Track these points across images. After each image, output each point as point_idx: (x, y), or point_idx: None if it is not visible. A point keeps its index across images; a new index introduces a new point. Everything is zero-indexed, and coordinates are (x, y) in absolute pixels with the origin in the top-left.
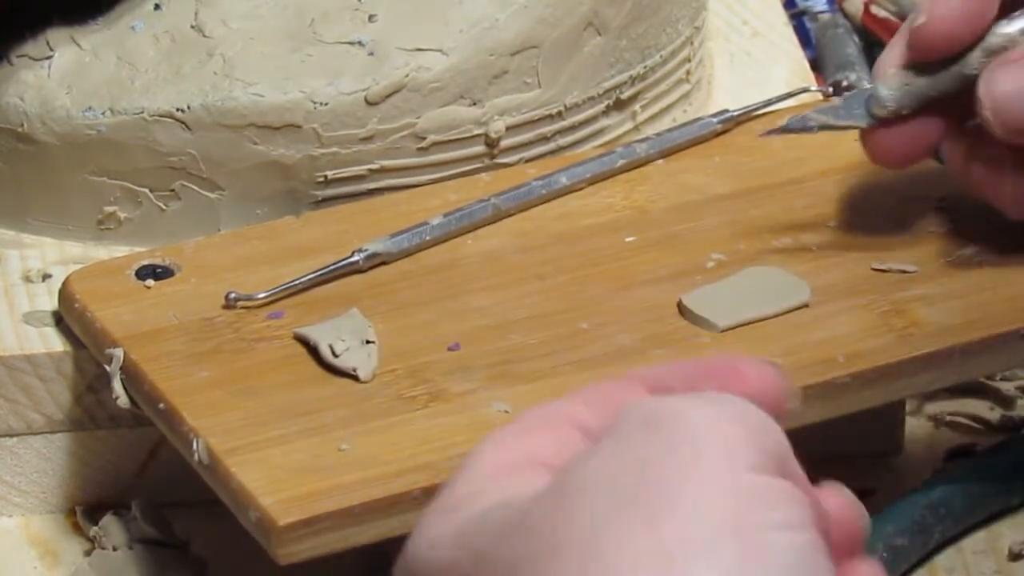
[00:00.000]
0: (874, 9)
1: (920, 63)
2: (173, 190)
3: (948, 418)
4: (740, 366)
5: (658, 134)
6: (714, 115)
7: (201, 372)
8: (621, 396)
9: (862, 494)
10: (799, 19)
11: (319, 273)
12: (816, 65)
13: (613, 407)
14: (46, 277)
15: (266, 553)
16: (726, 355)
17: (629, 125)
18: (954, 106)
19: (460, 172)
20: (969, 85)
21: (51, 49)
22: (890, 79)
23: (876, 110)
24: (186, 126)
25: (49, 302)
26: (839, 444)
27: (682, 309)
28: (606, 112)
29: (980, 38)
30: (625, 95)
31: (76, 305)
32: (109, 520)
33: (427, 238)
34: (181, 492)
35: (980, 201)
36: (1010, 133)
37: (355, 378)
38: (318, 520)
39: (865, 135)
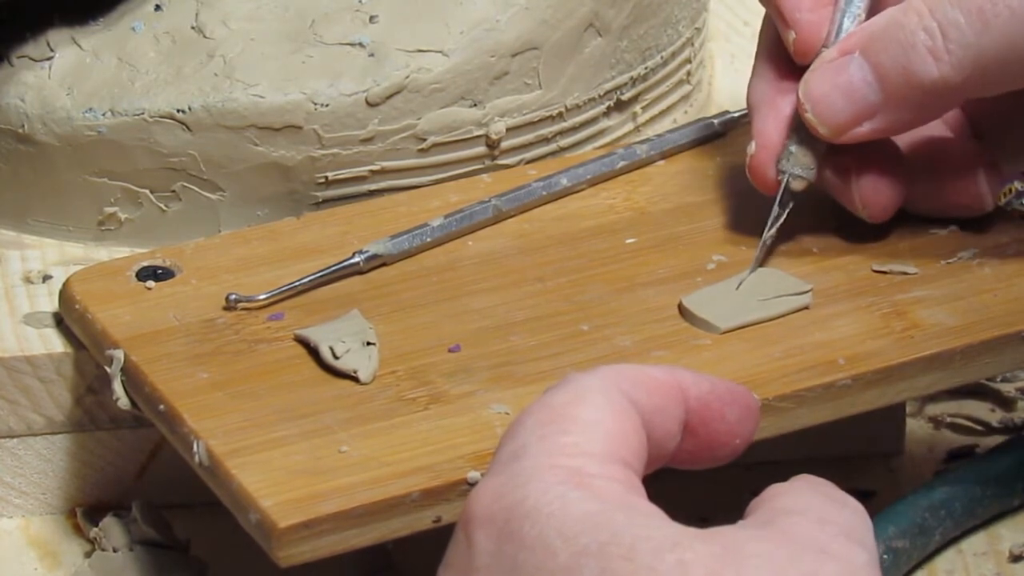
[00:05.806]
0: None
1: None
2: (174, 191)
3: (949, 420)
4: (753, 407)
5: (659, 135)
6: (715, 116)
7: (201, 374)
8: (667, 400)
9: (863, 495)
10: None
11: (320, 275)
12: None
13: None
14: (46, 278)
15: (266, 555)
16: (743, 390)
17: (630, 126)
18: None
19: (461, 173)
20: None
21: (52, 50)
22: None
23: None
24: (187, 127)
25: (49, 303)
26: (840, 446)
27: (683, 311)
28: (607, 113)
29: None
30: (626, 96)
31: (76, 306)
32: (109, 521)
33: (428, 239)
34: (181, 494)
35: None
36: (832, 132)
37: (355, 380)
38: (318, 522)
39: None
